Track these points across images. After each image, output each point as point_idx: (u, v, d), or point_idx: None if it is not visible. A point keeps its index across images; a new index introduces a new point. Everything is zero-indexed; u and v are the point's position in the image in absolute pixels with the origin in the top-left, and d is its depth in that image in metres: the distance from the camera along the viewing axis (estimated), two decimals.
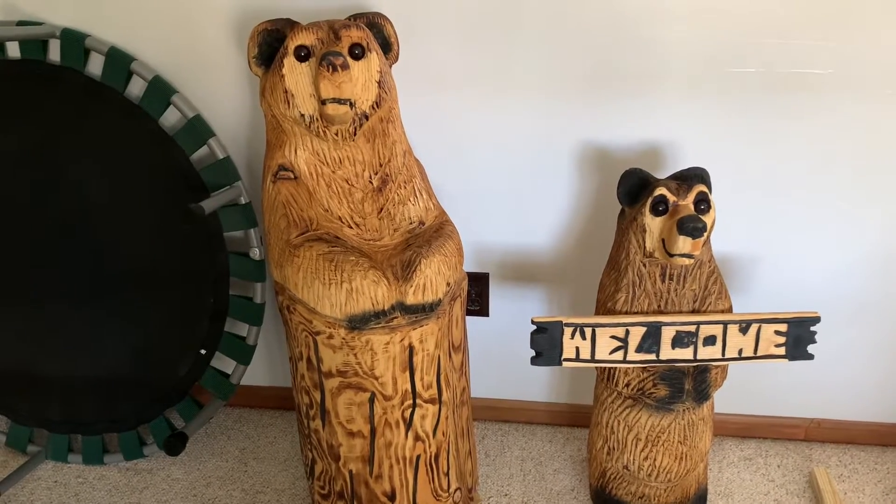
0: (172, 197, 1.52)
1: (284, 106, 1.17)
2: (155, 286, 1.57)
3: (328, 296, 1.16)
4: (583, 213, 1.56)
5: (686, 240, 1.19)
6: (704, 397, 1.34)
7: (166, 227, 1.54)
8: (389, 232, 1.26)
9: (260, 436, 1.81)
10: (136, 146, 1.50)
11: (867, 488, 1.62)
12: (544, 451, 1.74)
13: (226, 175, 1.51)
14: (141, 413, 1.68)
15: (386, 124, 1.23)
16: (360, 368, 1.22)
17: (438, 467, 1.37)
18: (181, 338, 1.61)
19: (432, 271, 1.18)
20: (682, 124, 1.45)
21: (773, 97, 1.40)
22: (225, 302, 1.59)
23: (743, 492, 1.62)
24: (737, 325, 1.29)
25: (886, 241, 1.51)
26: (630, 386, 1.34)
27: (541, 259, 1.62)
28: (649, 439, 1.38)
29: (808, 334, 1.30)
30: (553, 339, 1.29)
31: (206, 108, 1.52)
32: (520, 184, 1.54)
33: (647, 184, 1.28)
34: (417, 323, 1.21)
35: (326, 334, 1.20)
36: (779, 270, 1.57)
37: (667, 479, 1.41)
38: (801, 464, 1.69)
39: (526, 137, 1.50)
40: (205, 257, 1.55)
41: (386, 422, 1.28)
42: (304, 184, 1.21)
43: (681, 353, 1.30)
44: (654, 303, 1.30)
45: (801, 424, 1.74)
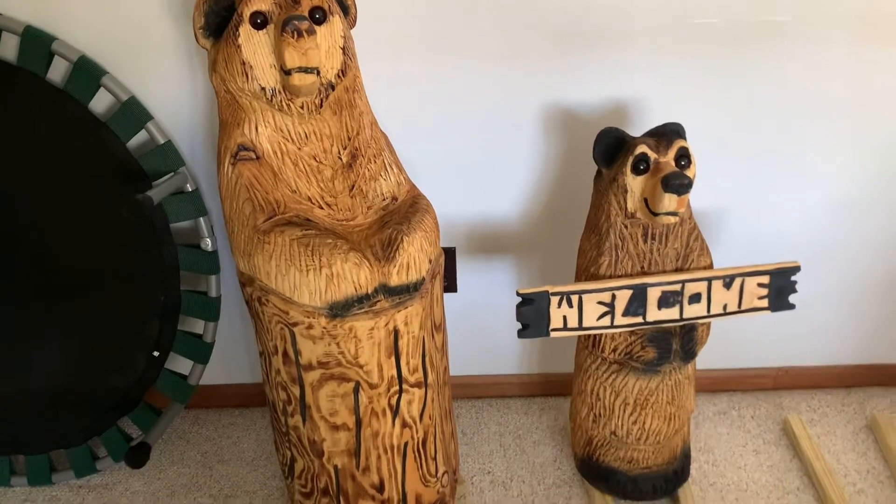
0: (110, 189, 1.39)
1: (242, 79, 1.06)
2: (98, 287, 1.44)
3: (306, 283, 1.07)
4: (550, 179, 1.51)
5: (672, 197, 1.16)
6: (691, 356, 1.33)
7: (106, 222, 1.41)
8: (363, 210, 1.18)
9: (221, 437, 1.71)
10: (64, 135, 1.36)
11: (838, 430, 1.66)
12: (521, 424, 1.71)
13: (168, 161, 1.39)
14: (91, 425, 1.55)
15: (352, 94, 1.14)
16: (343, 358, 1.14)
17: (426, 452, 1.31)
18: (131, 340, 1.49)
19: (415, 249, 1.11)
20: (647, 81, 1.42)
21: (736, 48, 1.38)
22: (176, 298, 1.48)
23: (722, 445, 1.63)
24: (721, 280, 1.27)
25: (848, 189, 1.53)
26: (617, 351, 1.31)
27: (508, 229, 1.57)
28: (637, 403, 1.36)
29: (790, 284, 1.29)
30: (540, 309, 1.24)
31: (140, 89, 1.39)
32: (484, 152, 1.48)
33: (623, 143, 1.24)
34: (402, 305, 1.14)
35: (305, 325, 1.11)
36: (743, 223, 1.57)
37: (656, 440, 1.39)
38: (773, 412, 1.71)
39: (488, 103, 1.43)
40: (151, 252, 1.43)
41: (372, 411, 1.20)
42: (268, 164, 1.11)
43: (667, 313, 1.27)
44: (637, 264, 1.27)
45: (769, 374, 1.76)
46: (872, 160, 1.50)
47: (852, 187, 1.52)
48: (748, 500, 1.50)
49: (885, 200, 1.55)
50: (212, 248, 1.44)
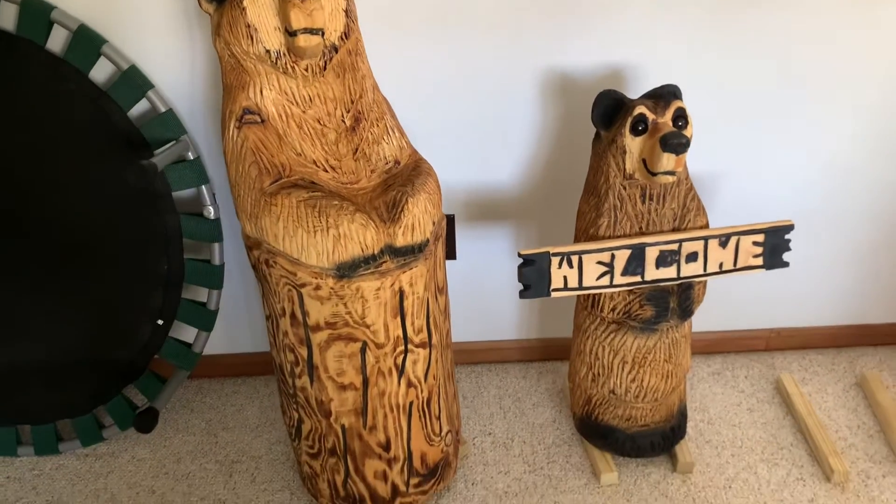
0: (112, 158, 1.40)
1: (247, 42, 1.07)
2: (101, 257, 1.45)
3: (314, 244, 1.09)
4: (547, 144, 1.53)
5: (670, 157, 1.19)
6: (688, 314, 1.36)
7: (108, 192, 1.42)
8: (366, 173, 1.19)
9: (225, 405, 1.73)
10: (64, 105, 1.37)
11: (829, 388, 1.70)
12: (520, 388, 1.74)
13: (170, 129, 1.40)
14: (96, 394, 1.57)
15: (354, 57, 1.15)
16: (350, 318, 1.16)
17: (430, 412, 1.34)
18: (135, 309, 1.50)
19: (419, 210, 1.13)
20: (642, 45, 1.43)
21: (729, 12, 1.40)
22: (180, 267, 1.49)
23: (717, 404, 1.67)
24: (717, 239, 1.30)
25: (840, 152, 1.56)
26: (616, 310, 1.34)
27: (506, 196, 1.59)
28: (636, 361, 1.39)
29: (784, 242, 1.33)
30: (541, 270, 1.27)
31: (140, 57, 1.39)
32: (481, 119, 1.50)
33: (621, 105, 1.26)
34: (406, 266, 1.16)
35: (313, 286, 1.13)
36: (736, 185, 1.59)
37: (653, 398, 1.43)
38: (765, 372, 1.75)
39: (484, 70, 1.45)
40: (154, 221, 1.44)
41: (378, 370, 1.23)
42: (273, 127, 1.13)
43: (665, 272, 1.30)
44: (635, 225, 1.29)
45: (761, 335, 1.80)
46: (864, 124, 1.53)
47: (845, 150, 1.55)
48: (743, 456, 1.54)
49: (875, 163, 1.58)
50: (214, 217, 1.45)
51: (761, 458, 1.53)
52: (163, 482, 1.54)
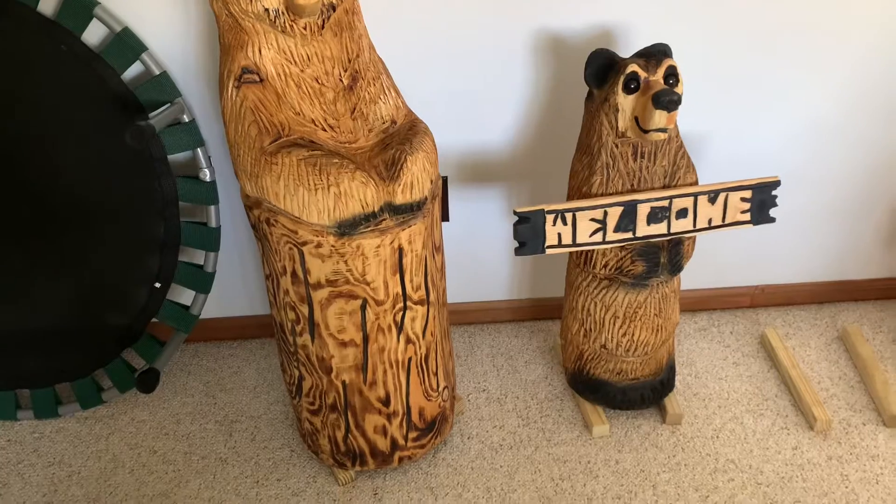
0: (107, 121, 1.40)
1: (246, 1, 1.08)
2: (98, 221, 1.46)
3: (315, 202, 1.11)
4: (539, 107, 1.55)
5: (662, 114, 1.21)
6: (678, 269, 1.39)
7: (104, 156, 1.42)
8: (364, 133, 1.21)
9: (222, 368, 1.76)
10: (57, 68, 1.36)
11: (811, 342, 1.76)
12: (512, 346, 1.78)
13: (164, 92, 1.40)
14: (95, 358, 1.59)
15: (351, 16, 1.16)
16: (350, 276, 1.19)
17: (428, 368, 1.37)
18: (132, 273, 1.52)
19: (418, 168, 1.15)
20: (632, 5, 1.45)
21: None
22: (176, 230, 1.50)
23: (703, 359, 1.72)
24: (706, 195, 1.33)
25: (822, 113, 1.59)
26: (608, 266, 1.38)
27: (498, 157, 1.61)
28: (627, 316, 1.43)
29: (770, 198, 1.36)
30: (536, 227, 1.29)
31: (133, 19, 1.39)
32: (472, 82, 1.51)
33: (613, 64, 1.28)
34: (405, 223, 1.18)
35: (314, 243, 1.15)
36: (723, 143, 1.63)
37: (644, 352, 1.47)
38: (750, 328, 1.80)
39: (475, 32, 1.46)
40: (150, 184, 1.45)
41: (378, 327, 1.26)
42: (272, 86, 1.14)
43: (656, 228, 1.33)
44: (627, 182, 1.32)
45: (746, 293, 1.85)
46: (846, 85, 1.56)
47: (826, 111, 1.59)
48: (730, 408, 1.59)
49: (855, 123, 1.61)
50: (210, 179, 1.46)
51: (747, 409, 1.58)
52: (164, 443, 1.56)
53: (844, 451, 1.49)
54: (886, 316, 1.82)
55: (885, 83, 1.56)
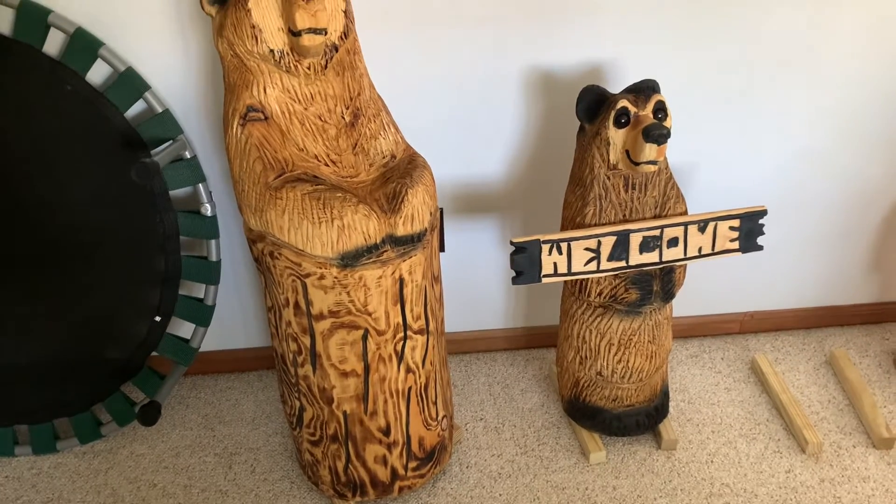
0: (110, 158, 1.43)
1: (251, 42, 1.12)
2: (100, 255, 1.48)
3: (318, 235, 1.14)
4: (531, 139, 1.60)
5: (652, 147, 1.26)
6: (670, 296, 1.43)
7: (107, 191, 1.45)
8: (365, 167, 1.25)
9: (220, 400, 1.77)
10: (61, 107, 1.40)
11: (800, 366, 1.79)
12: (508, 375, 1.80)
13: (167, 129, 1.44)
14: (94, 392, 1.60)
15: (353, 56, 1.21)
16: (353, 306, 1.21)
17: (427, 397, 1.39)
18: (133, 306, 1.53)
19: (418, 201, 1.19)
20: (619, 42, 1.50)
21: (702, 9, 1.48)
22: (177, 264, 1.53)
23: (696, 385, 1.75)
24: (696, 224, 1.37)
25: (806, 142, 1.65)
26: (602, 294, 1.41)
27: (492, 189, 1.65)
28: (621, 343, 1.46)
29: (758, 227, 1.41)
30: (532, 257, 1.33)
31: (136, 59, 1.42)
32: (467, 116, 1.56)
33: (604, 99, 1.33)
34: (406, 254, 1.21)
35: (317, 275, 1.18)
36: (711, 174, 1.67)
37: (638, 378, 1.50)
38: (740, 354, 1.84)
39: (470, 68, 1.51)
40: (151, 219, 1.48)
41: (379, 357, 1.28)
42: (276, 124, 1.17)
43: (648, 256, 1.37)
44: (619, 213, 1.36)
45: (736, 319, 1.88)
46: (829, 115, 1.62)
47: (810, 140, 1.64)
48: (723, 433, 1.62)
49: (839, 152, 1.67)
50: (211, 214, 1.49)
51: (740, 434, 1.61)
52: (163, 476, 1.57)
53: (836, 474, 1.52)
54: (872, 340, 1.86)
55: (865, 115, 1.62)
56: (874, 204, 1.75)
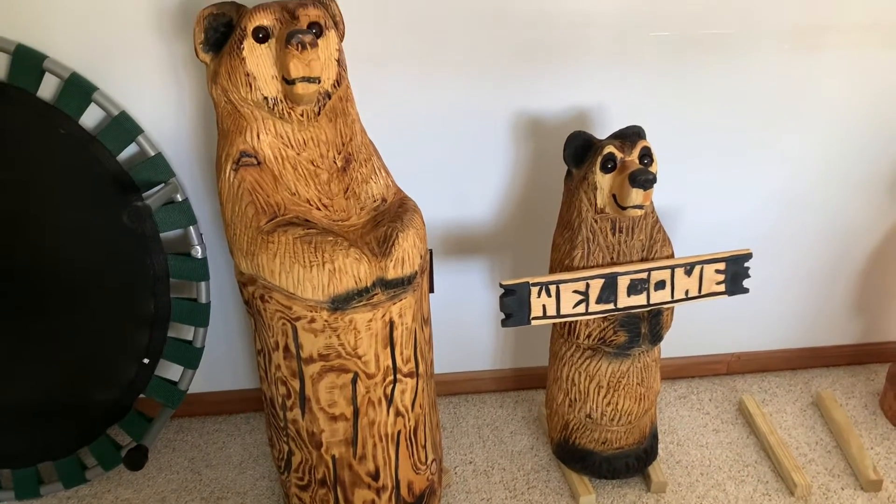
0: (102, 201, 1.44)
1: (245, 90, 1.14)
2: (89, 297, 1.48)
3: (310, 278, 1.15)
4: (519, 183, 1.62)
5: (638, 192, 1.28)
6: (658, 339, 1.44)
7: (98, 234, 1.45)
8: (356, 211, 1.26)
9: (207, 443, 1.75)
10: (55, 149, 1.41)
11: (787, 408, 1.80)
12: (497, 417, 1.80)
13: (159, 172, 1.45)
14: (80, 435, 1.58)
15: (345, 103, 1.23)
16: (343, 350, 1.22)
17: (417, 441, 1.39)
18: (121, 349, 1.53)
19: (409, 244, 1.20)
20: (605, 89, 1.54)
21: (685, 58, 1.52)
22: (166, 306, 1.52)
23: (684, 427, 1.75)
24: (682, 268, 1.39)
25: (789, 185, 1.68)
26: (591, 337, 1.42)
27: (481, 231, 1.67)
28: (610, 385, 1.46)
29: (743, 270, 1.43)
30: (521, 299, 1.34)
31: (130, 103, 1.44)
32: (456, 159, 1.58)
33: (590, 145, 1.36)
34: (397, 297, 1.22)
35: (307, 319, 1.19)
36: (695, 217, 1.70)
37: (627, 421, 1.50)
38: (728, 395, 1.85)
39: (459, 113, 1.53)
40: (142, 261, 1.48)
41: (369, 401, 1.28)
42: (269, 169, 1.19)
43: (636, 299, 1.39)
44: (607, 256, 1.38)
45: (723, 360, 1.90)
46: (810, 159, 1.66)
47: (793, 184, 1.68)
48: (712, 475, 1.62)
49: (821, 195, 1.70)
50: (201, 256, 1.49)
51: (729, 476, 1.61)
52: None
53: None
54: (857, 381, 1.88)
55: (847, 157, 1.66)
56: (857, 245, 1.78)
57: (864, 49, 1.55)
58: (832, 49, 1.54)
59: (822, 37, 1.53)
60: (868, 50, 1.55)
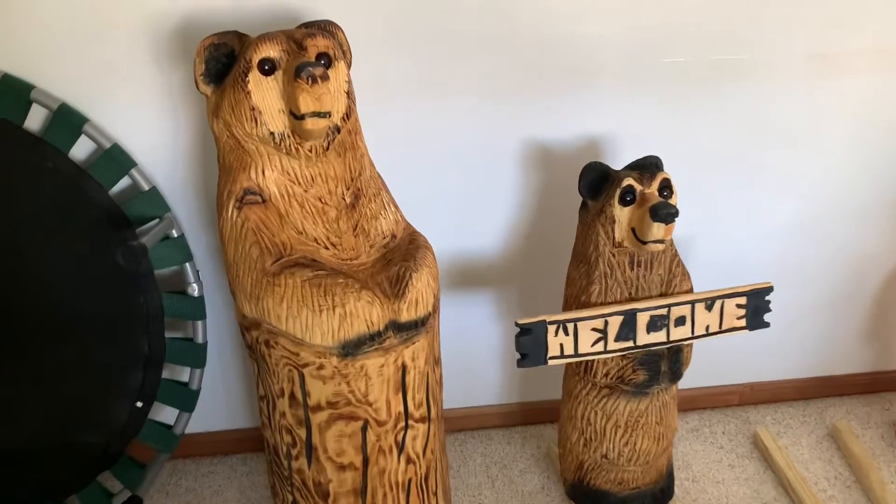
0: (93, 237, 1.36)
1: (251, 124, 1.07)
2: (79, 337, 1.40)
3: (319, 323, 1.08)
4: (527, 213, 1.56)
5: (660, 226, 1.23)
6: (678, 377, 1.39)
7: (88, 271, 1.37)
8: (365, 249, 1.19)
9: (202, 486, 1.67)
10: (42, 184, 1.33)
11: (802, 440, 1.75)
12: (506, 454, 1.73)
13: (153, 207, 1.38)
14: (69, 483, 1.49)
15: (354, 136, 1.17)
16: (353, 397, 1.15)
17: (428, 488, 1.32)
18: (113, 392, 1.45)
19: (423, 285, 1.14)
20: (616, 117, 1.49)
21: (698, 84, 1.48)
22: (161, 347, 1.45)
23: (699, 462, 1.69)
24: (703, 302, 1.34)
25: (801, 214, 1.64)
26: (609, 375, 1.36)
27: (487, 262, 1.61)
28: (628, 425, 1.40)
29: (764, 304, 1.38)
30: (538, 339, 1.28)
31: (122, 135, 1.37)
32: (463, 188, 1.53)
33: (607, 176, 1.30)
34: (409, 340, 1.16)
35: (316, 365, 1.12)
36: (708, 248, 1.65)
37: (645, 461, 1.44)
38: (741, 427, 1.79)
39: (466, 142, 1.48)
40: (135, 300, 1.40)
41: (379, 449, 1.21)
42: (274, 206, 1.12)
43: (655, 336, 1.33)
44: (625, 291, 1.32)
45: (735, 391, 1.85)
46: (823, 187, 1.62)
47: (805, 212, 1.64)
48: None
49: (833, 222, 1.66)
50: (198, 294, 1.42)
51: None
52: None
53: None
54: (872, 411, 1.83)
55: (859, 184, 1.63)
56: (869, 272, 1.74)
57: (877, 75, 1.51)
58: (845, 76, 1.50)
59: (836, 63, 1.49)
60: (881, 76, 1.52)
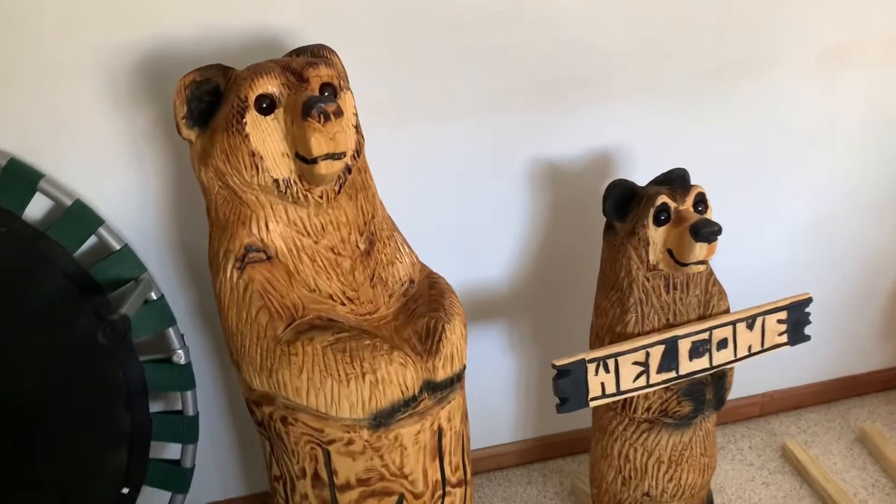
0: (59, 307, 1.19)
1: (251, 172, 0.92)
2: (50, 419, 1.22)
3: (347, 394, 0.93)
4: (538, 234, 1.45)
5: (703, 246, 1.12)
6: (722, 403, 1.29)
7: (55, 346, 1.20)
8: (385, 300, 1.05)
9: None
10: None
11: (832, 447, 1.68)
12: (528, 496, 1.61)
13: (127, 268, 1.21)
14: None
15: (364, 175, 1.03)
16: (386, 471, 1.01)
17: None
18: (95, 477, 1.27)
19: (456, 336, 1.01)
20: (624, 128, 1.40)
21: (706, 88, 1.39)
22: (146, 423, 1.28)
23: (732, 483, 1.60)
24: (744, 322, 1.24)
25: (816, 214, 1.57)
26: (651, 410, 1.25)
27: (496, 293, 1.49)
28: (672, 459, 1.30)
29: (804, 316, 1.29)
30: (577, 380, 1.16)
31: (83, 189, 1.20)
32: (469, 216, 1.41)
33: (633, 194, 1.19)
34: (445, 399, 1.02)
35: (344, 441, 0.97)
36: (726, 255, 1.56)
37: (690, 494, 1.34)
38: (768, 440, 1.71)
39: (470, 167, 1.36)
40: (112, 373, 1.23)
41: None
42: (281, 263, 0.97)
43: (698, 363, 1.23)
44: (662, 317, 1.21)
45: (755, 401, 1.77)
46: (838, 186, 1.55)
47: (820, 212, 1.57)
48: None
49: (847, 220, 1.60)
50: (185, 361, 1.26)
51: None
52: None
53: None
54: (894, 408, 1.77)
55: (873, 182, 1.57)
56: (880, 270, 1.69)
57: (890, 68, 1.45)
58: (856, 71, 1.44)
59: (848, 58, 1.42)
60: (893, 70, 1.45)
